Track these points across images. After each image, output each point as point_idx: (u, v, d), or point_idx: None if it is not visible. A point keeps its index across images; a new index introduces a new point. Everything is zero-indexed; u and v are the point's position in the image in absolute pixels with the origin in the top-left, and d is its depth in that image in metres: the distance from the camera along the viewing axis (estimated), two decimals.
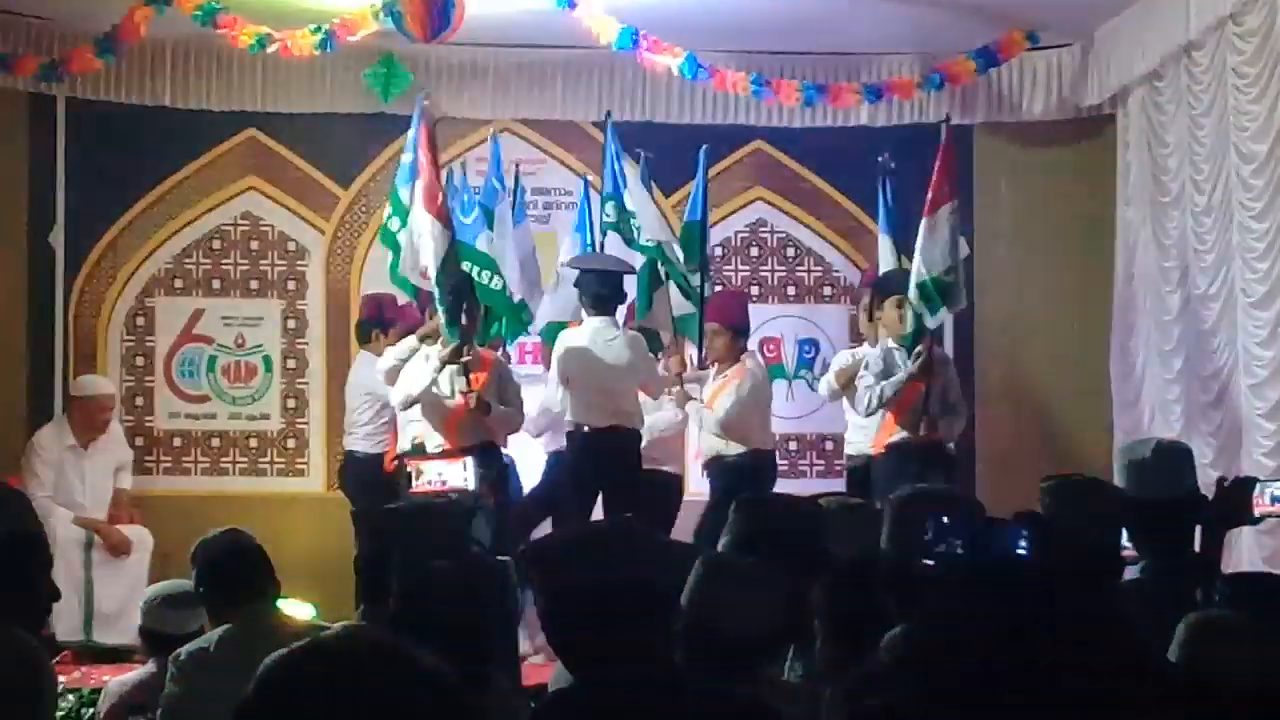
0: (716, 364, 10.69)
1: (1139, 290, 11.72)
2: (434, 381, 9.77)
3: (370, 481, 10.71)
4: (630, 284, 10.79)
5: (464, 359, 9.76)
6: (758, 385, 10.63)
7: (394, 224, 10.83)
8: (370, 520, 6.17)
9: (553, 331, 10.85)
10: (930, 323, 10.46)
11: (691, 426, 10.79)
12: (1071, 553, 3.92)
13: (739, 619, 4.35)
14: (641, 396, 10.43)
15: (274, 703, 2.08)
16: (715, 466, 10.59)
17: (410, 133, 10.79)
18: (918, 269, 10.45)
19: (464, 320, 9.79)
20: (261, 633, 5.26)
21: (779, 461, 11.06)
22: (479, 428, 9.86)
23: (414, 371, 9.93)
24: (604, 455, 10.08)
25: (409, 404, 9.97)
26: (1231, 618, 4.11)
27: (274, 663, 2.12)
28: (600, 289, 10.31)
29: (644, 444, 10.39)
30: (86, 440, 11.32)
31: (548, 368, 10.83)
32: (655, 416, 10.66)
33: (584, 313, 10.41)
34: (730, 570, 4.54)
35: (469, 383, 9.78)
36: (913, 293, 10.38)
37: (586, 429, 10.15)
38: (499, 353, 10.64)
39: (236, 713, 2.11)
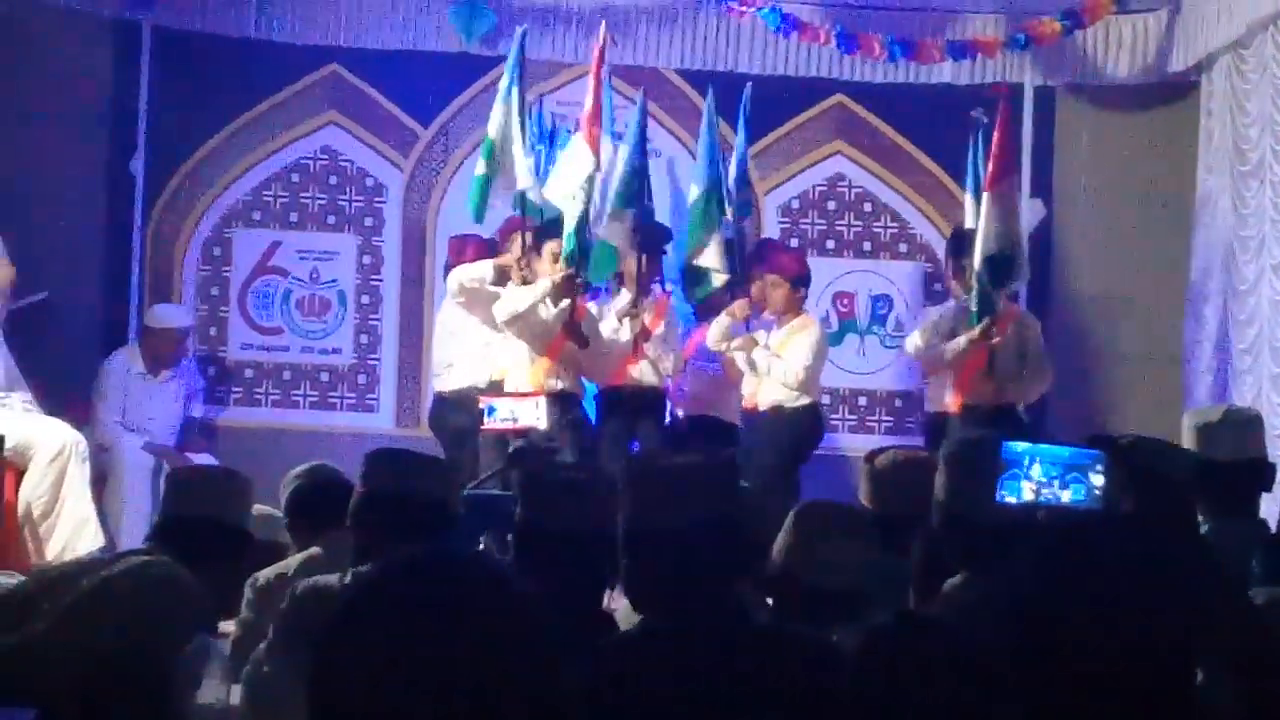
0: (777, 316, 10.80)
1: (1216, 258, 11.64)
2: (541, 302, 9.85)
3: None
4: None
5: (576, 286, 9.89)
6: (824, 340, 10.83)
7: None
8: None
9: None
10: (997, 298, 10.44)
11: (749, 376, 10.80)
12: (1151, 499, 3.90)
13: (830, 570, 4.29)
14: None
15: (368, 619, 2.03)
16: (776, 416, 10.66)
17: (509, 61, 10.54)
18: (985, 243, 10.42)
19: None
20: (344, 558, 5.31)
21: (849, 417, 11.10)
22: (568, 367, 10.02)
23: (519, 292, 9.99)
24: (630, 409, 10.58)
25: (513, 319, 9.91)
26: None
27: (367, 577, 2.10)
28: None
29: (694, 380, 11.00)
30: (157, 368, 11.40)
31: None
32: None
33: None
34: (825, 519, 4.49)
35: (573, 313, 9.87)
36: (980, 266, 10.35)
37: (609, 387, 10.62)
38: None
39: (327, 628, 2.07)
